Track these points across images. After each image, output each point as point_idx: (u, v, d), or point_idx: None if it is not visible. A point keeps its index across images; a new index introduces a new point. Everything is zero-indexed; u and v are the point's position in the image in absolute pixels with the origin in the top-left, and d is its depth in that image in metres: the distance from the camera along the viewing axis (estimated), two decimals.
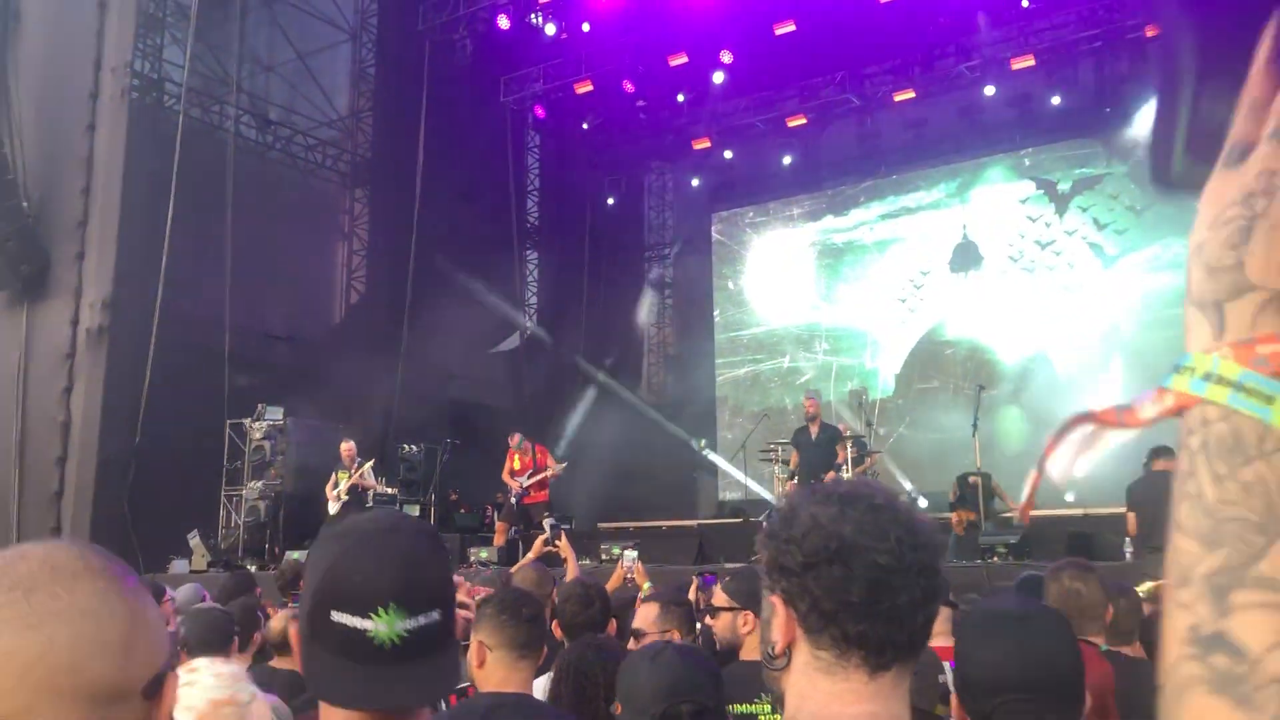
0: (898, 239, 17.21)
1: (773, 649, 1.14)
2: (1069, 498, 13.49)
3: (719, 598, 3.13)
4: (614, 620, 3.65)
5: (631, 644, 3.22)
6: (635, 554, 5.89)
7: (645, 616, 3.25)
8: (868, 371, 17.03)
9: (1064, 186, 15.88)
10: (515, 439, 11.94)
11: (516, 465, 11.79)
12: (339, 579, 1.23)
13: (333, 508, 12.08)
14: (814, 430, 11.32)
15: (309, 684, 1.26)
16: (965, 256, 16.48)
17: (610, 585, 5.43)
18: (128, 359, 12.54)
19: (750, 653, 2.96)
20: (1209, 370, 0.58)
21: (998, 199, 16.38)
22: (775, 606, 1.14)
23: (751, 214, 19.07)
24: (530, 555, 6.48)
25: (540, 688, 2.79)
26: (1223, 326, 0.59)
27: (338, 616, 1.21)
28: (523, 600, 2.34)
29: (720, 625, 3.08)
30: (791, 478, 11.77)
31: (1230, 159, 0.66)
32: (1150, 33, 13.95)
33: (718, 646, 3.14)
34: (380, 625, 1.20)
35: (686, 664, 2.16)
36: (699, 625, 3.63)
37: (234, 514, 13.17)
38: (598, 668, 2.58)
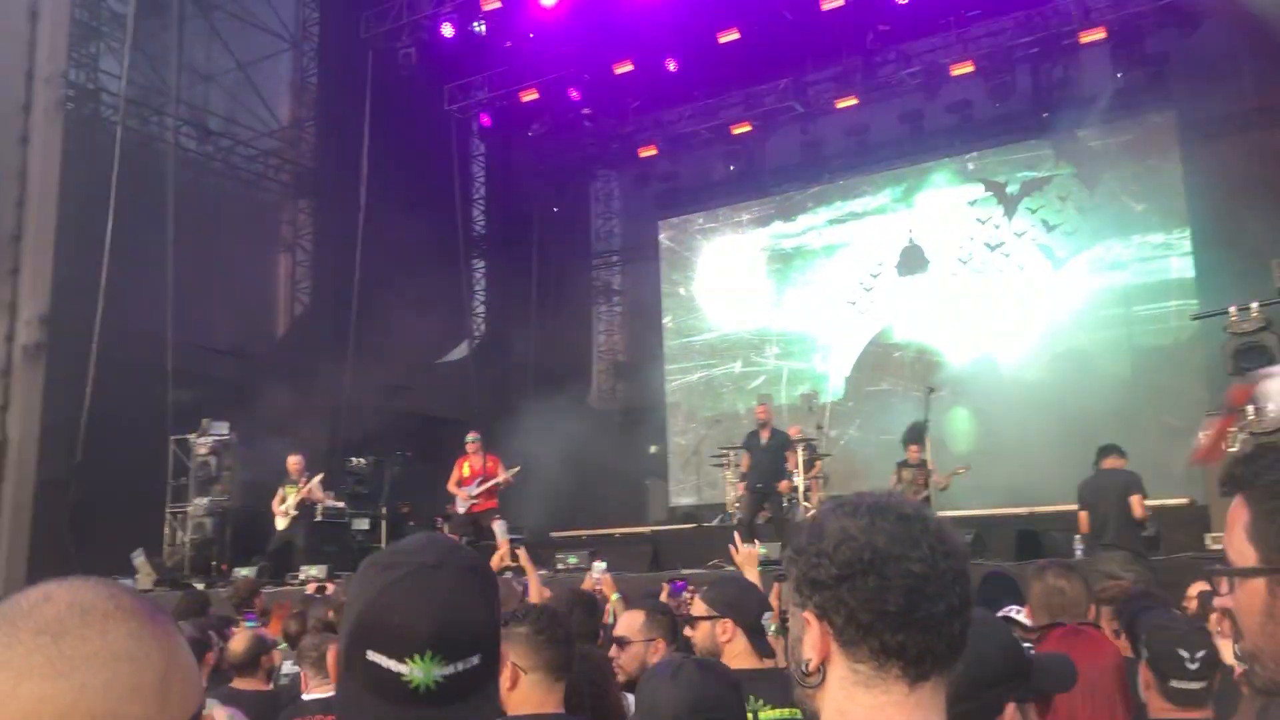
0: (845, 243, 17.35)
1: (806, 666, 1.12)
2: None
3: (698, 607, 3.12)
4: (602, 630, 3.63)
5: (613, 651, 3.22)
6: (604, 565, 5.88)
7: (630, 625, 3.23)
8: (818, 375, 17.12)
9: (1012, 189, 16.06)
10: (472, 435, 11.82)
11: (465, 472, 11.64)
12: (376, 618, 1.18)
13: (280, 523, 11.92)
14: (765, 436, 11.53)
15: (341, 717, 1.21)
16: (912, 260, 16.67)
17: None
18: (67, 376, 12.23)
19: (731, 660, 2.95)
20: None
21: (943, 202, 16.57)
22: (808, 622, 1.12)
23: (700, 220, 19.11)
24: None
25: None
26: None
27: (373, 656, 1.16)
28: (556, 621, 2.31)
29: (699, 634, 3.06)
30: (742, 479, 11.99)
31: None
32: (1084, 38, 14.28)
33: (697, 655, 3.13)
34: (416, 671, 1.15)
35: (707, 680, 2.18)
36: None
37: (179, 531, 12.91)
38: (586, 682, 2.56)
